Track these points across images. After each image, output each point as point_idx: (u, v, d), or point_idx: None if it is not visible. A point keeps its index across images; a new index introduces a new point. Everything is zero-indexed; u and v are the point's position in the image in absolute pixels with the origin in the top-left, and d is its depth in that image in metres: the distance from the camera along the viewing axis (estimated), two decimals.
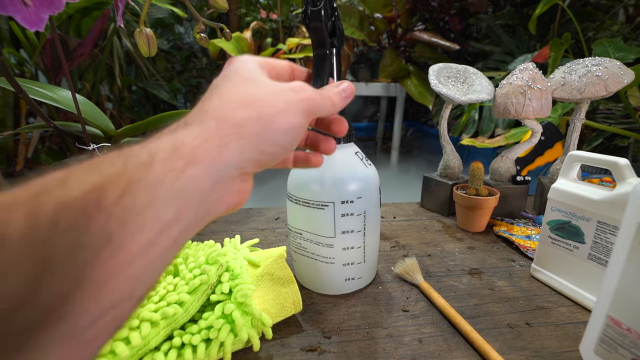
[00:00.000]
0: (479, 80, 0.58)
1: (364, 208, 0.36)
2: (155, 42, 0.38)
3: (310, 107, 0.21)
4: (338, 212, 0.35)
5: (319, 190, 0.35)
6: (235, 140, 0.18)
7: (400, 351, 0.31)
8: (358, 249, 0.38)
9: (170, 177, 0.15)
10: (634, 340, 0.24)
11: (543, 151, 0.68)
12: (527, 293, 0.39)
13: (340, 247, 0.37)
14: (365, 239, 0.38)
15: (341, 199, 0.35)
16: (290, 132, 0.20)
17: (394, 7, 1.84)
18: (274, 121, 0.19)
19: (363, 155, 0.38)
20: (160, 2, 1.20)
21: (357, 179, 0.36)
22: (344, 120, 0.27)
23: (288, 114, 0.20)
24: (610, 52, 0.93)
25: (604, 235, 0.34)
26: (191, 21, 2.17)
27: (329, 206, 0.35)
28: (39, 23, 0.29)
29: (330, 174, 0.35)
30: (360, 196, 0.36)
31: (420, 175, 0.65)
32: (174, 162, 0.16)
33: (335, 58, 0.32)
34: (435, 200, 0.62)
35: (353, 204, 0.36)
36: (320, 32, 0.27)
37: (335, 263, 0.38)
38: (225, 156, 0.17)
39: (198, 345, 0.28)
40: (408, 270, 0.42)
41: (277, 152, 0.20)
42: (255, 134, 0.18)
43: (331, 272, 0.38)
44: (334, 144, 0.27)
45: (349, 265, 0.38)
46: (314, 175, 0.36)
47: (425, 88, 1.82)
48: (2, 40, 1.36)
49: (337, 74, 0.33)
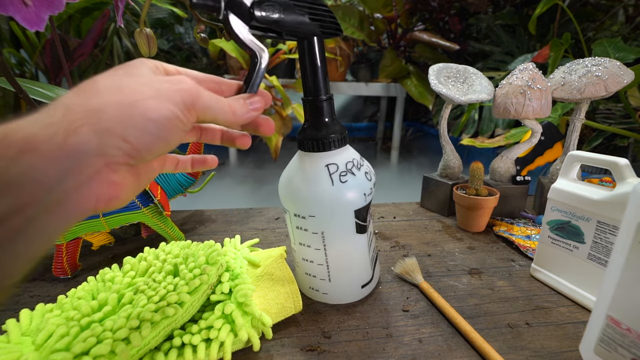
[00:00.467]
0: (478, 80, 0.58)
1: (321, 228, 0.33)
2: (155, 42, 0.38)
3: (188, 99, 0.20)
4: (293, 223, 0.34)
5: (281, 194, 0.34)
6: (88, 125, 0.17)
7: (400, 351, 0.31)
8: (320, 266, 0.35)
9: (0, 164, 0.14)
10: (634, 340, 0.24)
11: (543, 151, 0.68)
12: (527, 293, 0.39)
13: (300, 256, 0.36)
14: (328, 259, 0.34)
15: (294, 212, 0.33)
16: (160, 120, 0.19)
17: (394, 7, 1.84)
18: (139, 107, 0.18)
19: (339, 169, 0.32)
20: (160, 2, 1.20)
21: (311, 195, 0.31)
22: (247, 136, 0.27)
23: (156, 101, 0.18)
24: (610, 52, 0.93)
25: (604, 235, 0.34)
26: (191, 21, 2.17)
27: (287, 213, 0.34)
28: (39, 23, 0.29)
29: (288, 181, 0.33)
30: (313, 214, 0.32)
31: (420, 175, 0.65)
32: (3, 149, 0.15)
33: (317, 47, 0.29)
34: (435, 200, 0.62)
35: (305, 220, 0.33)
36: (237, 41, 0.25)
37: (300, 267, 0.38)
38: (74, 142, 0.16)
39: (198, 345, 0.28)
40: (408, 270, 0.41)
41: (147, 142, 0.19)
42: (115, 120, 0.17)
43: (298, 274, 0.39)
44: (248, 140, 0.27)
45: (311, 276, 0.36)
46: (283, 177, 0.35)
47: (425, 88, 1.82)
48: (2, 40, 1.36)
49: (321, 66, 0.30)
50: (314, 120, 0.31)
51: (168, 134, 0.19)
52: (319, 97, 0.30)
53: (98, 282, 0.34)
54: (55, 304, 0.32)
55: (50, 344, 0.25)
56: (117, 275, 0.34)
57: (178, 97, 0.19)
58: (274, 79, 1.53)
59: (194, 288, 0.30)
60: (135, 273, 0.34)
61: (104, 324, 0.26)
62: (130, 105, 0.18)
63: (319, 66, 0.29)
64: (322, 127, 0.31)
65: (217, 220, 0.60)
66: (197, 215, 0.62)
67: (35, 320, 0.30)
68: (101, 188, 0.18)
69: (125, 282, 0.32)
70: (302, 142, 0.32)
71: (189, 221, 0.60)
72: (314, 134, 0.31)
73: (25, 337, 0.28)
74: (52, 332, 0.26)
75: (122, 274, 0.34)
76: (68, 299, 0.32)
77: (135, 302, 0.29)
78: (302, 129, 0.32)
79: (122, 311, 0.28)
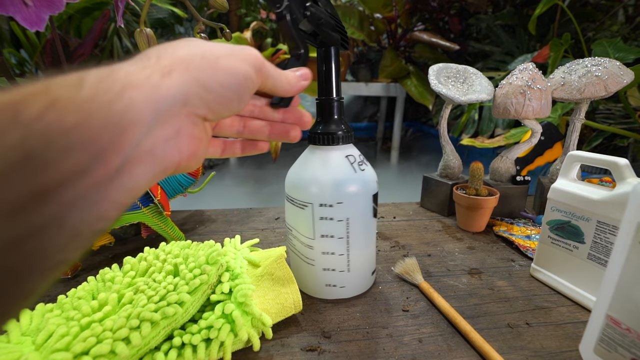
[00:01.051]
0: (478, 80, 0.58)
1: (347, 214, 0.35)
2: (156, 42, 0.38)
3: (256, 62, 0.21)
4: (317, 214, 0.34)
5: (300, 189, 0.35)
6: (178, 70, 0.17)
7: (400, 351, 0.31)
8: (340, 256, 0.36)
9: (104, 98, 0.14)
10: (634, 340, 0.24)
11: (543, 151, 0.68)
12: (527, 293, 0.39)
13: (320, 251, 0.36)
14: (350, 247, 0.36)
15: (319, 202, 0.34)
16: (237, 75, 0.20)
17: (394, 7, 1.84)
18: (219, 61, 0.19)
19: (357, 159, 0.36)
20: (160, 2, 1.20)
21: (339, 183, 0.34)
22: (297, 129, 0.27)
23: (233, 58, 0.20)
24: (610, 52, 0.93)
25: (604, 235, 0.34)
26: (191, 21, 2.17)
27: (308, 207, 0.35)
28: (39, 23, 0.29)
29: (311, 173, 0.35)
30: (341, 201, 0.34)
31: (420, 175, 0.65)
32: (109, 84, 0.14)
33: (333, 56, 0.33)
34: (435, 200, 0.62)
35: (332, 208, 0.34)
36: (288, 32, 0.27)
37: (316, 266, 0.37)
38: (167, 85, 0.17)
39: (198, 345, 0.28)
40: (408, 270, 0.41)
41: (225, 95, 0.19)
42: (200, 69, 0.18)
43: (312, 274, 0.37)
44: (299, 132, 0.27)
45: (330, 270, 0.37)
46: (299, 173, 0.36)
47: (425, 88, 1.82)
48: (2, 40, 1.36)
49: (335, 72, 0.34)
50: (329, 118, 0.35)
51: (243, 93, 0.20)
52: (335, 97, 0.34)
53: (98, 282, 0.34)
54: (55, 303, 0.32)
55: (51, 343, 0.25)
56: (117, 275, 0.34)
57: (248, 58, 0.20)
58: None
59: (194, 288, 0.30)
60: (135, 273, 0.34)
61: (104, 324, 0.26)
62: (215, 58, 0.19)
63: (334, 71, 0.34)
64: (338, 124, 0.35)
65: (217, 220, 0.60)
66: (197, 215, 0.62)
67: (36, 320, 0.30)
68: (184, 141, 0.19)
69: (126, 282, 0.32)
70: (321, 137, 0.35)
71: (189, 221, 0.60)
72: (333, 129, 0.34)
73: (25, 337, 0.28)
74: (52, 332, 0.26)
75: (122, 274, 0.34)
76: (68, 299, 0.32)
77: (135, 302, 0.29)
78: (318, 126, 0.35)
79: (122, 311, 0.28)
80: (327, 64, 0.33)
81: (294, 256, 0.39)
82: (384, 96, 2.37)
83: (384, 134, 2.59)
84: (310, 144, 0.36)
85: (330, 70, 0.33)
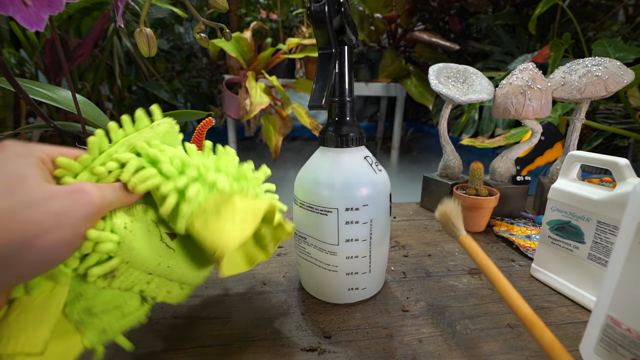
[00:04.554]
0: (479, 80, 0.58)
1: (371, 216, 0.34)
2: (155, 42, 0.38)
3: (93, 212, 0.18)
4: (342, 219, 0.33)
5: (322, 195, 0.34)
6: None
7: (400, 351, 0.31)
8: (363, 259, 0.36)
9: None
10: (634, 340, 0.24)
11: (543, 151, 0.68)
12: (527, 293, 0.39)
13: (344, 256, 0.35)
14: (372, 248, 0.36)
15: (345, 206, 0.33)
16: (62, 247, 0.17)
17: (394, 7, 1.84)
18: (36, 243, 0.15)
19: (373, 160, 0.36)
20: (160, 2, 1.20)
21: (364, 185, 0.34)
22: None
23: (59, 231, 0.16)
24: (610, 52, 0.93)
25: (604, 235, 0.34)
26: (191, 21, 2.17)
27: (332, 212, 0.33)
28: (39, 23, 0.29)
29: (336, 178, 0.34)
30: (367, 203, 0.34)
31: (420, 175, 0.65)
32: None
33: (347, 56, 0.32)
34: (435, 200, 0.62)
35: (358, 211, 0.34)
36: (324, 30, 0.27)
37: (339, 271, 0.36)
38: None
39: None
40: (451, 216, 0.35)
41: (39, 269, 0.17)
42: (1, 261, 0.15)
43: (334, 281, 0.36)
44: None
45: (352, 274, 0.36)
46: (319, 179, 0.34)
47: (425, 88, 1.82)
48: (2, 40, 1.36)
49: (348, 72, 0.33)
50: (344, 120, 0.34)
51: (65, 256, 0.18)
52: (349, 99, 0.34)
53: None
54: None
55: None
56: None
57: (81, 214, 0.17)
58: (274, 79, 1.53)
59: None
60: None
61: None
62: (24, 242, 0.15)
63: (348, 71, 0.33)
64: (352, 125, 0.34)
65: None
66: None
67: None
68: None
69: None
70: (339, 139, 0.34)
71: None
72: (351, 130, 0.34)
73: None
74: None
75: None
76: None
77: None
78: (332, 128, 0.34)
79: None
80: (342, 64, 0.32)
81: (307, 264, 0.37)
82: (384, 96, 2.37)
83: (384, 134, 2.59)
84: (322, 145, 0.35)
85: (345, 70, 0.33)
